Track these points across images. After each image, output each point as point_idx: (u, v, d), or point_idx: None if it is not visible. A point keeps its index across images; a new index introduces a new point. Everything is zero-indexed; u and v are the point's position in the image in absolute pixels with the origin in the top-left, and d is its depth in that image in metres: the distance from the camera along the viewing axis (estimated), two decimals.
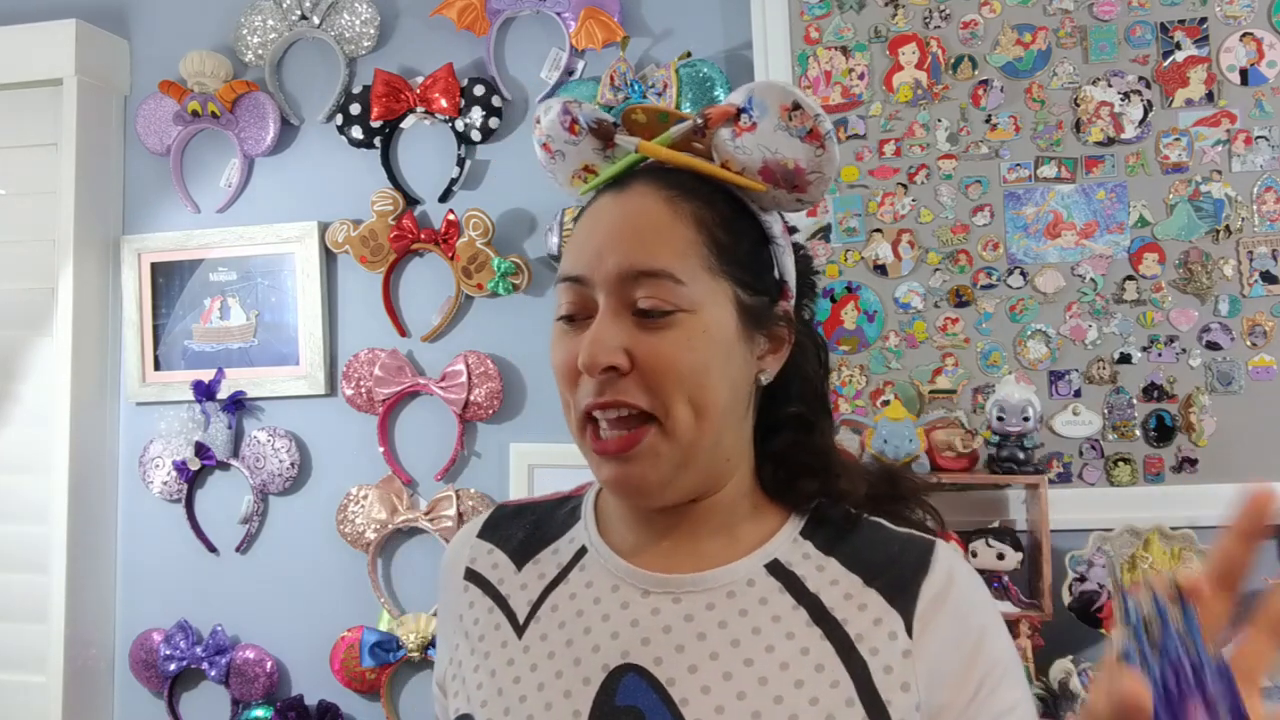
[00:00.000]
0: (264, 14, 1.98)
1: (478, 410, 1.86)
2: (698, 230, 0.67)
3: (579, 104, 0.75)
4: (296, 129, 2.00)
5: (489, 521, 0.81)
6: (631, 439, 0.66)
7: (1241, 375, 1.62)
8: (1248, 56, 1.65)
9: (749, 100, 0.68)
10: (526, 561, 0.76)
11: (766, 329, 0.71)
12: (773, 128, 0.67)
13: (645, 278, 0.65)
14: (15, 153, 2.05)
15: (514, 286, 1.85)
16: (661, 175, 0.70)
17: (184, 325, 2.01)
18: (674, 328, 0.65)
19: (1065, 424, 1.66)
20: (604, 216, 0.69)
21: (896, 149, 1.73)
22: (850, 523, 0.72)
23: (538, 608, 0.72)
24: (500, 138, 1.91)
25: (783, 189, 0.70)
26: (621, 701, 0.65)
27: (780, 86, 0.67)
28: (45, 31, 1.96)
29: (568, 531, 0.77)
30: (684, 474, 0.68)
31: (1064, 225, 1.68)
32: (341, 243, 1.92)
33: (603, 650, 0.67)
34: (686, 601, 0.68)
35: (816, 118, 0.66)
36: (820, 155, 0.67)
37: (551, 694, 0.67)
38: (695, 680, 0.64)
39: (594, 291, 0.67)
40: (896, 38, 1.74)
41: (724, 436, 0.69)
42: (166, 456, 1.98)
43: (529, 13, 1.89)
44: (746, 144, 0.69)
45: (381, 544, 1.90)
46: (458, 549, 0.80)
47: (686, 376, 0.65)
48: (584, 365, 0.65)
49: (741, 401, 0.70)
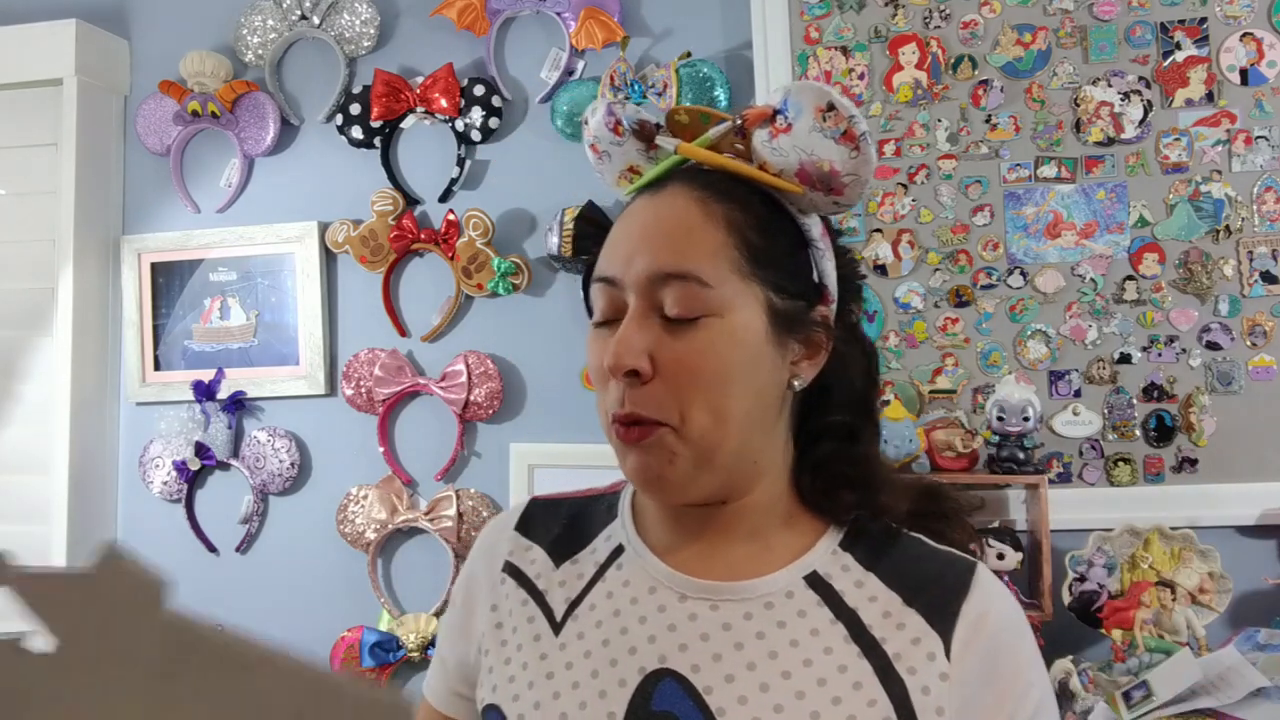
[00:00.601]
0: (264, 14, 1.98)
1: (478, 410, 1.86)
2: (729, 232, 0.66)
3: (623, 104, 0.75)
4: (296, 129, 2.00)
5: (525, 515, 0.81)
6: (646, 430, 0.66)
7: (1241, 375, 1.62)
8: (1248, 56, 1.65)
9: (785, 101, 0.67)
10: (565, 560, 0.76)
11: (801, 334, 0.70)
12: (808, 129, 0.66)
13: (673, 280, 0.65)
14: (15, 153, 2.05)
15: (514, 286, 1.85)
16: (698, 177, 0.70)
17: (184, 325, 2.01)
18: (700, 331, 0.65)
19: (1065, 424, 1.66)
20: (637, 218, 0.69)
21: (896, 149, 1.73)
22: (890, 537, 0.71)
23: (575, 606, 0.72)
24: (500, 138, 1.91)
25: (819, 191, 0.68)
26: (658, 706, 0.65)
27: (816, 87, 0.66)
28: (45, 31, 1.96)
29: (605, 529, 0.77)
30: (704, 475, 0.67)
31: (1064, 225, 1.68)
32: (341, 243, 1.92)
33: (640, 653, 0.67)
34: (724, 609, 0.68)
35: (851, 119, 0.65)
36: (855, 157, 0.66)
37: (586, 693, 0.67)
38: (732, 690, 0.64)
39: (625, 293, 0.67)
40: (896, 38, 1.74)
41: (749, 441, 0.68)
42: (166, 456, 1.98)
43: (529, 13, 1.89)
44: (783, 145, 0.68)
45: (381, 544, 1.90)
46: (495, 538, 0.80)
47: (707, 382, 0.65)
48: (608, 366, 0.65)
49: (770, 407, 0.69)
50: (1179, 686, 1.34)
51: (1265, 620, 1.49)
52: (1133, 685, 1.37)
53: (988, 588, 0.68)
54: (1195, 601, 1.52)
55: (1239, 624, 1.52)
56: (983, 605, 0.66)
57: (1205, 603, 1.52)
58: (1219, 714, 1.31)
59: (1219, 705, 1.31)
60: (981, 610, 0.66)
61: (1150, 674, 1.37)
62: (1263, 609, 1.54)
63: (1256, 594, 1.56)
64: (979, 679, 0.64)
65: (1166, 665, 1.37)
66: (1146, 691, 1.35)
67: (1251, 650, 1.39)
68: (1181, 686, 1.33)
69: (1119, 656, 1.47)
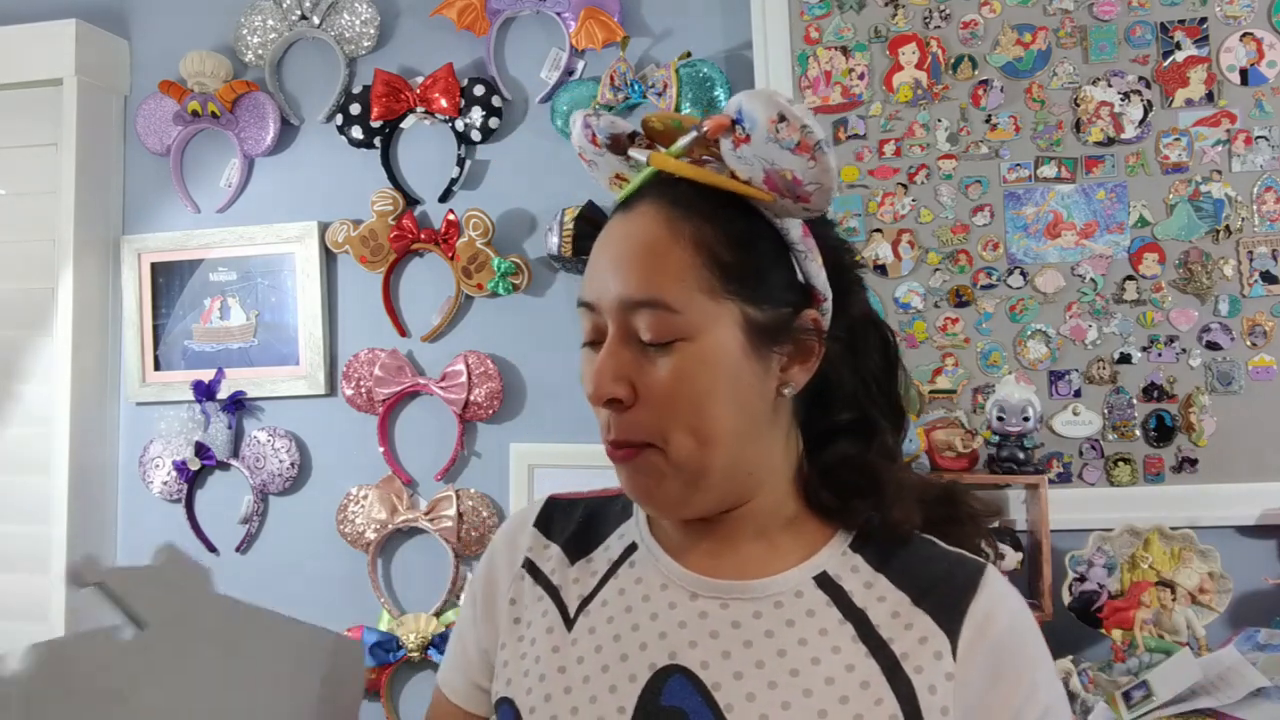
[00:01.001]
0: (264, 14, 1.98)
1: (477, 410, 1.86)
2: (695, 252, 0.66)
3: (598, 115, 0.75)
4: (296, 129, 2.00)
5: (544, 513, 0.82)
6: (633, 451, 0.68)
7: (1241, 375, 1.62)
8: (1248, 56, 1.65)
9: (739, 111, 0.65)
10: (580, 557, 0.77)
11: (786, 341, 0.69)
12: (764, 139, 0.64)
13: (642, 307, 0.66)
14: (15, 153, 2.05)
15: (514, 286, 1.85)
16: (670, 190, 0.69)
17: (184, 325, 2.01)
18: (672, 355, 0.66)
19: (1065, 424, 1.66)
20: (610, 240, 0.70)
21: (896, 149, 1.73)
22: (901, 538, 0.71)
23: (588, 602, 0.74)
24: (500, 138, 1.91)
25: (788, 199, 0.67)
26: (667, 702, 0.65)
27: (765, 97, 0.64)
28: (45, 31, 1.96)
29: (619, 527, 0.78)
30: (695, 494, 0.69)
31: (1064, 225, 1.68)
32: (341, 243, 1.92)
33: (650, 649, 0.68)
34: (734, 608, 0.68)
35: (804, 129, 0.62)
36: (813, 167, 0.63)
37: (596, 687, 0.68)
38: (740, 687, 0.65)
39: (604, 318, 0.68)
40: (896, 38, 1.74)
41: (740, 455, 0.69)
42: (166, 456, 1.98)
43: (529, 13, 1.89)
44: (746, 154, 0.66)
45: (381, 544, 1.90)
46: (516, 532, 0.82)
47: (685, 406, 0.66)
48: (589, 397, 0.67)
49: (759, 419, 0.69)
50: (1179, 686, 1.34)
51: (1265, 620, 1.49)
52: (1133, 685, 1.37)
53: (996, 588, 0.68)
54: (1195, 601, 1.52)
55: (1239, 624, 1.52)
56: (990, 605, 0.66)
57: (1205, 603, 1.52)
58: (1219, 714, 1.31)
59: (1219, 705, 1.31)
60: (988, 610, 0.66)
61: (1150, 674, 1.37)
62: (1263, 609, 1.54)
63: (1256, 594, 1.56)
64: (985, 680, 0.64)
65: (1166, 665, 1.38)
66: (1146, 691, 1.35)
67: (1251, 650, 1.39)
68: (1181, 686, 1.33)
69: (1119, 656, 1.47)
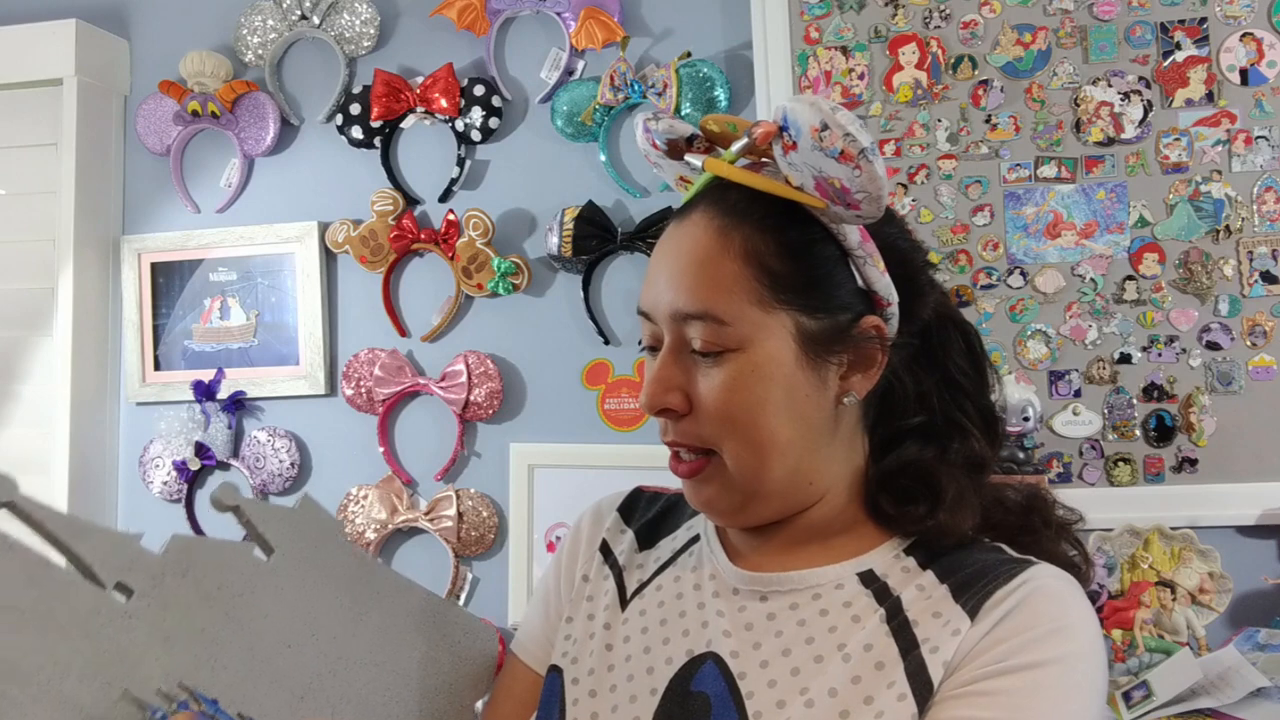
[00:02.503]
0: (264, 14, 1.98)
1: (478, 410, 1.86)
2: (745, 263, 0.66)
3: (657, 119, 0.75)
4: (296, 129, 2.00)
5: (628, 501, 0.86)
6: (697, 465, 0.69)
7: (1241, 375, 1.62)
8: (1248, 56, 1.65)
9: (785, 118, 0.64)
10: (649, 546, 0.81)
11: (846, 349, 0.68)
12: (809, 147, 0.63)
13: (693, 319, 0.67)
14: (15, 153, 2.05)
15: (514, 286, 1.85)
16: (724, 196, 0.69)
17: (184, 325, 2.01)
18: (724, 366, 0.66)
19: (1065, 424, 1.66)
20: (665, 249, 0.71)
21: (896, 149, 1.73)
22: (959, 544, 0.69)
23: (644, 586, 0.77)
24: (500, 138, 1.91)
25: (839, 206, 0.65)
26: (695, 687, 0.68)
27: (808, 104, 0.62)
28: (45, 31, 1.96)
29: (689, 520, 0.82)
30: (756, 503, 0.69)
31: (1064, 225, 1.68)
32: (341, 243, 1.92)
33: (691, 636, 0.71)
34: (772, 600, 0.70)
35: (846, 137, 0.61)
36: (859, 175, 0.62)
37: (635, 667, 0.72)
38: (764, 674, 0.66)
39: (659, 326, 0.70)
40: (896, 38, 1.74)
41: (798, 466, 0.68)
42: (166, 456, 1.98)
43: (529, 13, 1.89)
44: (796, 161, 0.65)
45: (381, 544, 1.90)
46: (601, 514, 0.86)
47: (737, 417, 0.66)
48: (642, 407, 0.69)
49: (817, 429, 0.69)
50: (1179, 686, 1.34)
51: (1265, 620, 1.49)
52: (1133, 685, 1.37)
53: (1038, 581, 0.63)
54: (1195, 601, 1.52)
55: (1239, 624, 1.52)
56: (1022, 591, 0.63)
57: (1205, 603, 1.52)
58: (1219, 714, 1.31)
59: (1219, 705, 1.31)
60: (1020, 596, 0.63)
61: (1150, 674, 1.37)
62: (1263, 609, 1.54)
63: (1256, 594, 1.56)
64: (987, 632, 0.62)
65: (1166, 665, 1.38)
66: (1146, 691, 1.35)
67: (1251, 650, 1.39)
68: (1181, 686, 1.34)
69: (1119, 656, 1.47)
